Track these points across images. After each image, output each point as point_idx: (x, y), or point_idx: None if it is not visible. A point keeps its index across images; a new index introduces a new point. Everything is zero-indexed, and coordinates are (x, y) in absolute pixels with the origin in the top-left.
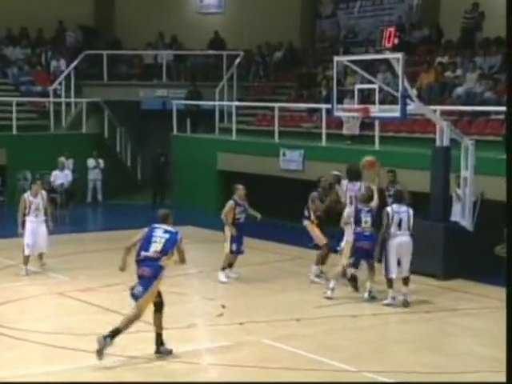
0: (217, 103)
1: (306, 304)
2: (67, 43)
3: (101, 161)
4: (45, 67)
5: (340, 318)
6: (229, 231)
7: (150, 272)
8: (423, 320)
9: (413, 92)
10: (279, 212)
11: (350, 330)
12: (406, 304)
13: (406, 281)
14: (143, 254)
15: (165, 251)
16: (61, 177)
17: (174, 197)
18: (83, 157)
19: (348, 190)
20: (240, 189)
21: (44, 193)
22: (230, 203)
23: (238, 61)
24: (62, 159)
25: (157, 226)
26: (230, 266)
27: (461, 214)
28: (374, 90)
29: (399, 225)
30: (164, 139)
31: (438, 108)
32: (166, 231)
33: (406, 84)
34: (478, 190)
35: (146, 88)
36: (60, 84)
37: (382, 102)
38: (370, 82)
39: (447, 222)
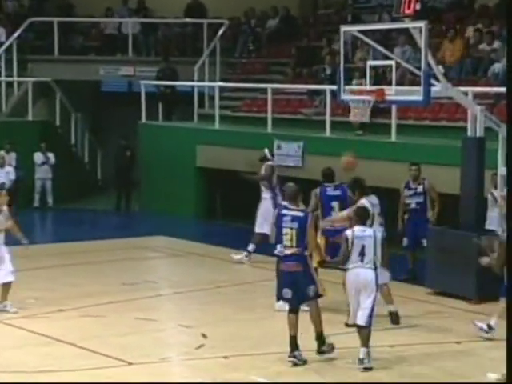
0: (195, 84)
1: (302, 333)
2: (7, 8)
3: (51, 155)
4: None
5: (346, 350)
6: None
7: (297, 266)
8: (453, 353)
9: (439, 70)
10: None
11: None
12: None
13: (361, 333)
14: (280, 248)
15: (301, 244)
16: (0, 175)
17: (143, 200)
18: (29, 150)
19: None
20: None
21: None
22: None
23: (221, 31)
24: (2, 153)
25: (284, 211)
26: None
27: (498, 222)
28: (389, 67)
29: (362, 253)
30: (130, 129)
31: (470, 89)
32: (293, 218)
33: (431, 60)
34: None
35: (108, 65)
36: None
37: (400, 83)
38: (386, 57)
39: (481, 232)
